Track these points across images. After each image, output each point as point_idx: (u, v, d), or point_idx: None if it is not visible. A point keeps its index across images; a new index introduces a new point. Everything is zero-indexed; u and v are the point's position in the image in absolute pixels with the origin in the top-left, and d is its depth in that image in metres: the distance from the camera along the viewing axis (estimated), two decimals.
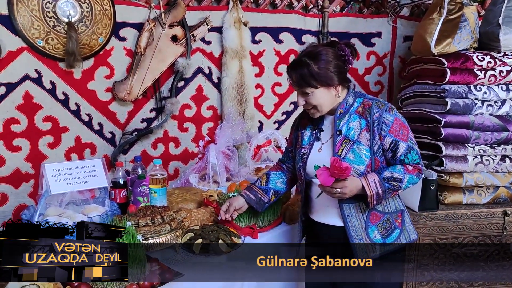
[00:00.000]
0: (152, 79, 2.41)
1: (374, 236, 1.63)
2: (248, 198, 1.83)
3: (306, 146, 1.71)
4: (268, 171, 1.92)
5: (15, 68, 2.09)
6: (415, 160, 1.62)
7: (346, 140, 1.60)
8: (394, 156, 1.61)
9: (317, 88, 1.56)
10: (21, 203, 2.18)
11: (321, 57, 1.55)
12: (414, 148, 1.62)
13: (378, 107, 1.59)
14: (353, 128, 1.60)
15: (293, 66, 1.60)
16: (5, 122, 2.10)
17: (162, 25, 2.38)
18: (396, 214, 1.69)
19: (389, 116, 1.58)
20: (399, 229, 1.69)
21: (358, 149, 1.58)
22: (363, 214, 1.63)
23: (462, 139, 2.37)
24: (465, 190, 2.41)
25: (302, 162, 1.70)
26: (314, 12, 2.80)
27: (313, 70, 1.53)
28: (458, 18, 2.39)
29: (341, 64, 1.59)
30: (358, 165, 1.58)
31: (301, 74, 1.55)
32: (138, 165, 2.07)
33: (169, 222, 1.69)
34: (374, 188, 1.54)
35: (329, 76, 1.55)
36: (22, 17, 2.04)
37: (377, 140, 1.59)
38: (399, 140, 1.58)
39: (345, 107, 1.63)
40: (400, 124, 1.59)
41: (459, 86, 2.37)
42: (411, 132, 1.63)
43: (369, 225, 1.63)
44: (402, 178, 1.58)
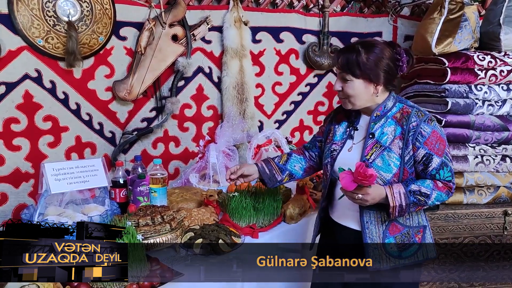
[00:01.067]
0: (152, 78, 2.41)
1: (390, 247, 1.57)
2: (262, 169, 1.79)
3: (338, 143, 1.66)
4: (290, 152, 1.88)
5: (15, 67, 2.08)
6: (447, 177, 1.54)
7: (378, 144, 1.55)
8: (425, 170, 1.54)
9: (357, 78, 1.51)
10: (21, 202, 2.17)
11: (374, 50, 1.50)
12: (448, 165, 1.54)
13: (417, 116, 1.52)
14: (386, 134, 1.55)
15: (344, 50, 1.56)
16: (5, 121, 2.10)
17: (163, 24, 2.38)
18: (417, 229, 1.63)
19: (427, 128, 1.51)
20: (418, 244, 1.61)
21: (388, 156, 1.53)
22: (382, 223, 1.57)
23: (462, 138, 2.37)
24: (466, 190, 2.41)
25: (331, 158, 1.66)
26: (314, 12, 2.80)
27: (361, 59, 1.49)
28: (459, 18, 2.39)
29: (392, 66, 1.53)
30: (385, 173, 1.53)
31: (348, 58, 1.51)
32: (138, 164, 2.07)
33: (169, 222, 1.69)
34: (398, 200, 1.48)
35: (375, 71, 1.50)
36: (22, 16, 2.04)
37: (409, 150, 1.52)
38: (434, 154, 1.51)
39: (383, 110, 1.57)
40: (437, 138, 1.52)
41: (459, 86, 2.37)
42: (448, 148, 1.56)
43: (387, 236, 1.57)
44: (430, 194, 1.51)
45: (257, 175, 1.79)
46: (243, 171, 1.77)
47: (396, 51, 1.53)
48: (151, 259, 1.57)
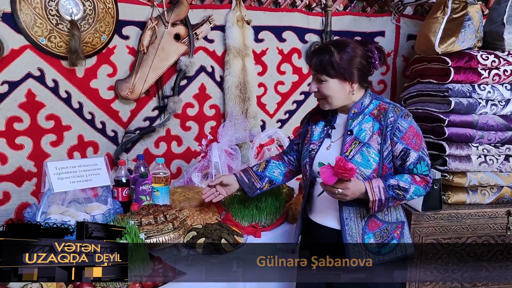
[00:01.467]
0: (154, 77, 2.41)
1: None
2: (241, 179, 1.79)
3: (316, 142, 1.68)
4: (269, 159, 1.89)
5: (17, 66, 2.09)
6: (424, 171, 1.57)
7: (356, 141, 1.56)
8: (403, 164, 1.56)
9: (332, 78, 1.53)
10: (23, 201, 2.18)
11: (346, 49, 1.52)
12: (425, 159, 1.57)
13: (394, 112, 1.54)
14: (365, 130, 1.56)
15: (317, 51, 1.58)
16: (8, 120, 2.10)
17: (165, 23, 2.38)
18: (396, 224, 1.65)
19: (404, 123, 1.53)
20: (396, 240, 1.64)
21: (367, 152, 1.54)
22: (362, 219, 1.59)
23: (465, 138, 2.36)
24: (469, 190, 2.40)
25: (310, 158, 1.67)
26: (317, 11, 2.79)
27: (334, 59, 1.50)
28: (462, 17, 2.38)
29: (365, 64, 1.55)
30: (365, 168, 1.54)
31: (321, 59, 1.52)
32: (140, 163, 2.07)
33: (171, 221, 1.69)
34: (377, 194, 1.50)
35: (349, 70, 1.52)
36: (25, 15, 2.04)
37: (388, 145, 1.54)
38: (411, 149, 1.53)
39: (360, 108, 1.59)
40: (414, 133, 1.54)
41: (463, 85, 2.36)
42: (424, 143, 1.58)
43: (367, 232, 1.59)
44: (408, 188, 1.53)
45: (237, 185, 1.80)
46: (222, 180, 1.78)
47: (367, 49, 1.55)
48: (154, 258, 1.57)
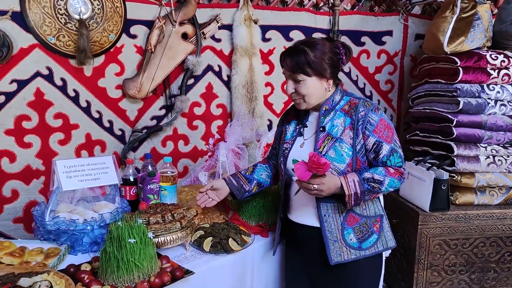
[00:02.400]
0: (162, 76, 2.41)
1: (350, 239, 1.59)
2: (229, 182, 1.80)
3: (288, 141, 1.69)
4: (256, 163, 1.90)
5: (26, 65, 2.10)
6: (398, 163, 1.57)
7: (329, 137, 1.57)
8: (376, 157, 1.57)
9: (310, 77, 1.54)
10: (31, 199, 2.19)
11: (317, 47, 1.53)
12: (398, 151, 1.58)
13: (364, 106, 1.55)
14: (337, 126, 1.57)
15: (289, 52, 1.57)
16: (17, 118, 2.11)
17: (173, 22, 2.38)
18: (374, 218, 1.65)
19: (375, 116, 1.54)
20: (376, 234, 1.64)
21: (340, 147, 1.55)
22: (340, 215, 1.59)
23: (474, 139, 2.35)
24: (477, 191, 2.39)
25: (283, 157, 1.68)
26: (324, 10, 2.79)
27: (309, 57, 1.52)
28: (471, 17, 2.36)
29: (335, 59, 1.57)
30: (339, 163, 1.55)
31: (297, 60, 1.53)
32: (148, 162, 2.07)
33: (179, 220, 1.68)
34: (353, 188, 1.50)
35: (324, 66, 1.53)
36: (34, 14, 2.05)
37: (360, 139, 1.55)
38: (383, 141, 1.54)
39: (331, 104, 1.60)
40: (385, 125, 1.55)
41: (471, 85, 2.35)
42: (395, 135, 1.59)
43: (346, 227, 1.59)
44: (383, 180, 1.54)
45: (227, 189, 1.79)
46: (212, 185, 1.78)
47: (334, 45, 1.57)
48: (161, 257, 1.57)
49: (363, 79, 2.97)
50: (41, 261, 1.54)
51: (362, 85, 2.98)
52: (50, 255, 1.59)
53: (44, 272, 1.37)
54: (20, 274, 1.34)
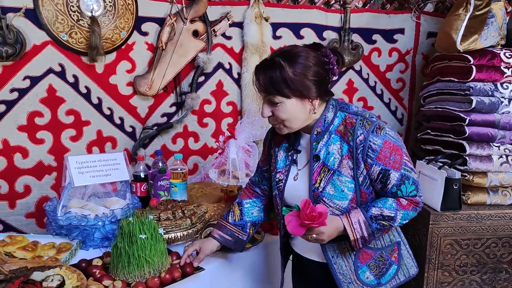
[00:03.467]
0: (173, 73, 2.42)
1: (366, 277, 1.39)
2: (223, 240, 1.54)
3: (282, 171, 1.43)
4: (240, 200, 1.62)
5: (39, 61, 2.12)
6: (411, 192, 1.33)
7: (325, 168, 1.32)
8: (384, 188, 1.32)
9: (288, 98, 1.26)
10: (43, 195, 2.22)
11: (298, 60, 1.25)
12: (410, 177, 1.32)
13: (363, 127, 1.28)
14: (332, 154, 1.31)
15: (262, 66, 1.29)
16: (29, 115, 2.14)
17: (184, 20, 2.38)
18: (391, 248, 1.44)
19: (377, 139, 1.27)
20: (396, 265, 1.44)
21: (339, 181, 1.30)
22: (350, 253, 1.37)
23: (487, 138, 2.32)
24: (489, 190, 2.36)
25: (278, 190, 1.44)
26: (336, 8, 2.77)
27: (287, 74, 1.23)
28: (485, 14, 2.33)
29: (322, 72, 1.29)
30: (340, 201, 1.31)
31: (271, 77, 1.24)
32: (159, 159, 2.08)
33: (190, 216, 1.69)
34: (359, 231, 1.28)
35: (306, 85, 1.26)
36: (47, 11, 2.07)
37: (362, 169, 1.30)
38: (390, 169, 1.29)
39: (323, 125, 1.33)
40: (391, 148, 1.28)
41: (485, 84, 2.32)
42: (406, 156, 1.32)
43: (359, 266, 1.38)
44: (394, 216, 1.31)
45: (216, 248, 1.56)
46: (206, 254, 1.53)
47: (322, 53, 1.30)
48: (172, 253, 1.58)
49: (374, 77, 2.95)
50: (53, 256, 1.56)
51: (373, 83, 2.96)
52: (62, 250, 1.61)
53: (57, 266, 1.38)
54: (33, 268, 1.36)
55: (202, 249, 1.53)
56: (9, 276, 1.31)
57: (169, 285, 1.43)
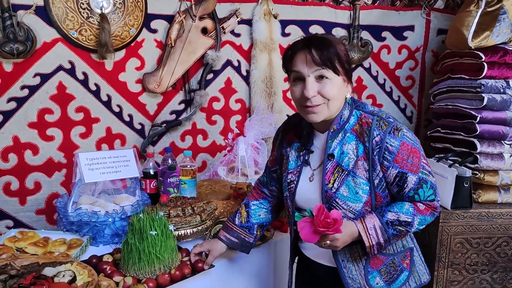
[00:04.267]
0: (181, 71, 2.41)
1: (376, 283, 1.35)
2: (229, 242, 1.53)
3: (293, 171, 1.40)
4: (247, 202, 1.60)
5: (49, 58, 2.12)
6: (429, 196, 1.29)
7: (339, 168, 1.28)
8: (401, 192, 1.29)
9: (338, 76, 1.25)
10: (53, 191, 2.23)
11: (339, 42, 1.30)
12: (428, 180, 1.28)
13: (379, 128, 1.25)
14: (347, 153, 1.28)
15: (316, 42, 1.25)
16: (40, 112, 2.14)
17: (193, 17, 2.38)
18: (403, 254, 1.41)
19: (394, 141, 1.23)
20: (407, 271, 1.40)
21: (354, 183, 1.27)
22: (361, 258, 1.34)
23: (498, 136, 2.30)
24: (501, 189, 2.34)
25: (289, 192, 1.40)
26: (345, 5, 2.75)
27: (341, 52, 1.25)
28: (497, 11, 2.31)
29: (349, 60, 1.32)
30: (354, 203, 1.27)
31: (327, 53, 1.22)
32: (168, 156, 2.09)
33: (199, 213, 1.69)
34: (375, 238, 1.24)
35: (349, 66, 1.28)
36: (57, 8, 2.07)
37: (378, 171, 1.26)
38: (407, 172, 1.25)
39: (339, 123, 1.30)
40: (409, 150, 1.24)
41: (496, 81, 2.29)
42: (423, 158, 1.28)
43: (370, 271, 1.35)
44: (412, 221, 1.27)
45: (225, 249, 1.55)
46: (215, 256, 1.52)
47: None
48: (182, 249, 1.58)
49: (383, 74, 2.93)
50: (64, 252, 1.57)
51: (382, 81, 2.94)
52: (73, 246, 1.61)
53: (68, 262, 1.39)
54: (44, 263, 1.37)
55: (211, 251, 1.52)
56: (21, 272, 1.32)
57: (179, 282, 1.43)
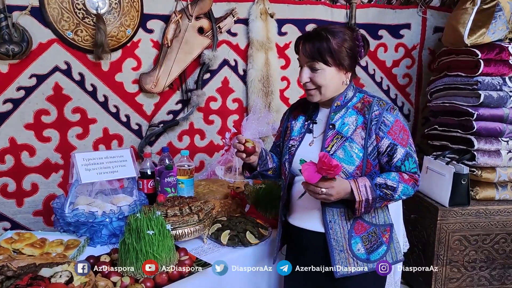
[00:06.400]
0: (178, 71, 2.41)
1: (358, 249, 1.46)
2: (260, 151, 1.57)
3: (296, 138, 1.55)
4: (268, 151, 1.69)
5: (45, 59, 2.12)
6: (413, 168, 1.44)
7: (339, 135, 1.44)
8: (390, 161, 1.44)
9: (329, 66, 1.41)
10: (50, 192, 2.22)
11: (339, 35, 1.40)
12: (413, 156, 1.45)
13: (379, 105, 1.43)
14: (347, 124, 1.45)
15: (309, 37, 1.43)
16: (36, 113, 2.14)
17: (189, 17, 2.38)
18: (384, 228, 1.52)
19: (390, 116, 1.42)
20: (385, 245, 1.51)
21: (350, 147, 1.42)
22: (347, 221, 1.45)
23: (495, 132, 2.31)
24: (498, 186, 2.35)
25: (289, 154, 1.53)
26: (341, 3, 2.75)
27: (332, 45, 1.38)
28: (492, 8, 2.31)
29: (355, 50, 1.44)
30: (347, 165, 1.42)
31: (318, 46, 1.39)
32: (165, 156, 2.08)
33: (197, 213, 1.69)
34: (364, 194, 1.37)
35: (344, 56, 1.41)
36: (52, 9, 2.07)
37: (373, 140, 1.42)
38: (398, 144, 1.42)
39: (343, 100, 1.48)
40: (400, 127, 1.43)
41: (493, 78, 2.30)
42: (411, 138, 1.47)
43: (353, 236, 1.45)
44: (396, 187, 1.41)
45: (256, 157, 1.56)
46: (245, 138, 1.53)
47: (355, 36, 1.43)
48: (179, 249, 1.58)
49: (380, 73, 2.94)
50: (61, 252, 1.56)
51: (379, 79, 2.94)
52: (70, 246, 1.61)
53: (65, 262, 1.38)
54: (41, 264, 1.36)
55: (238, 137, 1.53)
56: (17, 273, 1.31)
57: (177, 281, 1.43)
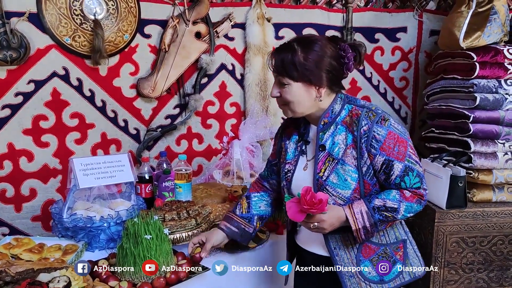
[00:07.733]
0: (176, 75, 2.42)
1: (368, 272, 1.37)
2: (229, 231, 1.54)
3: (291, 162, 1.46)
4: (248, 194, 1.63)
5: (43, 65, 2.13)
6: (415, 184, 1.32)
7: (330, 158, 1.34)
8: (387, 179, 1.33)
9: (295, 82, 1.30)
10: (49, 198, 2.23)
11: (313, 47, 1.29)
12: (414, 169, 1.32)
13: (367, 118, 1.30)
14: (338, 143, 1.34)
15: (279, 49, 1.34)
16: (34, 118, 2.15)
17: (186, 21, 2.39)
18: (396, 245, 1.42)
19: (381, 130, 1.29)
20: (400, 263, 1.42)
21: (343, 170, 1.32)
22: (353, 247, 1.37)
23: (491, 135, 2.31)
24: (495, 188, 2.35)
25: (286, 181, 1.46)
26: (338, 7, 2.77)
27: (298, 58, 1.28)
28: (488, 11, 2.32)
29: (336, 65, 1.32)
30: (343, 190, 1.32)
31: (283, 59, 1.30)
32: (163, 160, 2.09)
33: (194, 217, 1.70)
34: (361, 222, 1.28)
35: (315, 72, 1.29)
36: (50, 15, 2.08)
37: (366, 159, 1.31)
38: (393, 160, 1.29)
39: (330, 116, 1.36)
40: (395, 139, 1.29)
41: (488, 81, 2.31)
42: (410, 148, 1.33)
43: (362, 260, 1.37)
44: (398, 207, 1.30)
45: (226, 240, 1.57)
46: (213, 244, 1.53)
47: (340, 47, 1.32)
48: (177, 253, 1.59)
49: (377, 76, 2.95)
50: (60, 258, 1.57)
51: (376, 83, 2.95)
52: (68, 251, 1.61)
53: (63, 268, 1.39)
54: (39, 269, 1.36)
55: (208, 239, 1.53)
56: (15, 278, 1.32)
57: (174, 285, 1.44)
